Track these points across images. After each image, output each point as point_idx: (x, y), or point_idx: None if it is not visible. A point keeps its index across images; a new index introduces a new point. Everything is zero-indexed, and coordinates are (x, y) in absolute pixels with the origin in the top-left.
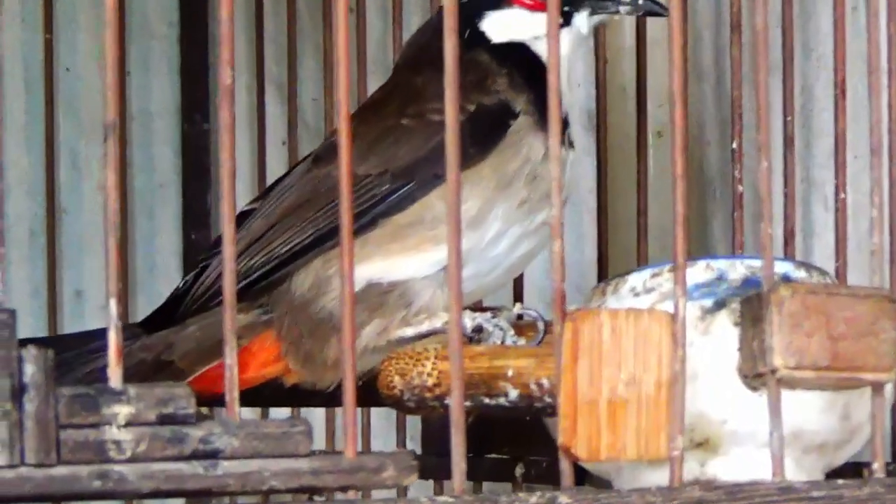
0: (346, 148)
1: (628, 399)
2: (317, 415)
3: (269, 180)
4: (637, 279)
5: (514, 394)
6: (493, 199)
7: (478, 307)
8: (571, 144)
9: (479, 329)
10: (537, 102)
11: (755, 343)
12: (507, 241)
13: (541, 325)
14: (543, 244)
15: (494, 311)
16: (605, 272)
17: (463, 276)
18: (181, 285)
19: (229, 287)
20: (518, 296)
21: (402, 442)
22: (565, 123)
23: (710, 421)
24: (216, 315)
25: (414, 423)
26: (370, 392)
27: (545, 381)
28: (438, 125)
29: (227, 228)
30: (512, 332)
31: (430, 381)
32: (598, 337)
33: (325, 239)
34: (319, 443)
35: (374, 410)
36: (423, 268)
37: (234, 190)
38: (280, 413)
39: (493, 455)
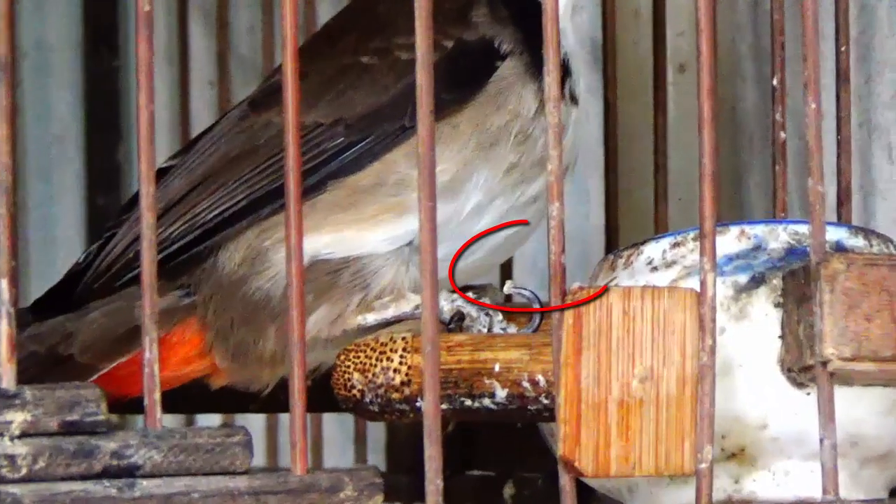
0: (292, 91)
1: (644, 399)
2: (255, 423)
3: (195, 130)
4: (655, 249)
5: (502, 394)
6: (472, 163)
7: (462, 286)
8: (574, 99)
9: (460, 316)
10: (527, 42)
11: (801, 328)
12: (491, 217)
13: (536, 308)
14: (538, 223)
15: (478, 290)
16: (615, 241)
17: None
18: (81, 260)
19: (148, 264)
20: (507, 272)
21: (361, 457)
22: (566, 70)
23: (747, 426)
24: (125, 298)
25: (377, 434)
26: (321, 394)
27: (541, 378)
28: (406, 64)
29: (144, 191)
30: (500, 317)
31: (398, 379)
32: (606, 322)
33: (262, 203)
34: (258, 458)
35: (326, 417)
36: (382, 243)
37: (154, 143)
38: (208, 421)
39: (477, 472)
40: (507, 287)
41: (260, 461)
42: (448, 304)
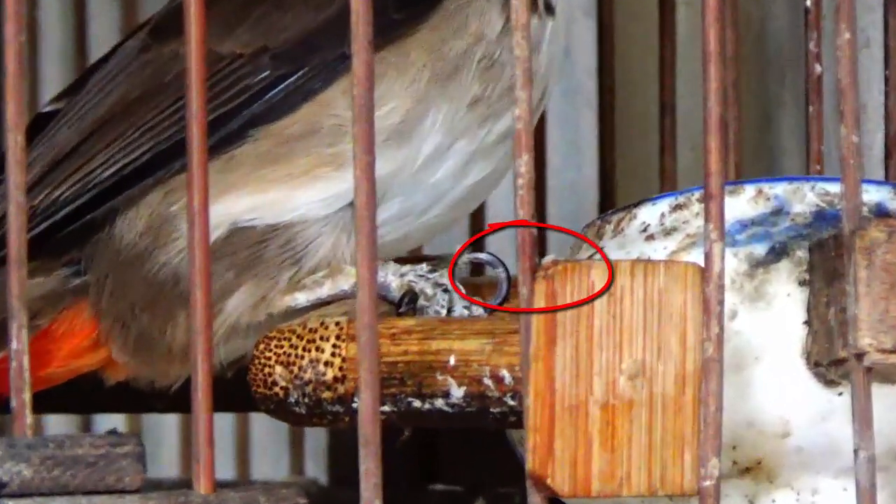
0: (196, 11)
1: (634, 401)
2: (167, 424)
3: (93, 57)
4: (651, 213)
5: (458, 393)
6: (427, 98)
7: (415, 256)
8: (550, 8)
9: (412, 296)
10: None
11: (832, 312)
12: (453, 162)
13: (502, 277)
14: (508, 165)
15: (435, 262)
16: (612, 200)
17: (386, 214)
18: None
19: (16, 232)
20: (478, 240)
21: (297, 466)
22: None
23: (764, 434)
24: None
25: (317, 438)
26: (244, 390)
27: (506, 374)
28: None
29: (12, 142)
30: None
31: (331, 374)
32: (587, 304)
33: (169, 157)
34: (172, 468)
35: (255, 418)
36: (316, 204)
37: (22, 78)
38: (108, 422)
39: (441, 486)
40: (464, 258)
41: (174, 472)
42: (396, 279)
